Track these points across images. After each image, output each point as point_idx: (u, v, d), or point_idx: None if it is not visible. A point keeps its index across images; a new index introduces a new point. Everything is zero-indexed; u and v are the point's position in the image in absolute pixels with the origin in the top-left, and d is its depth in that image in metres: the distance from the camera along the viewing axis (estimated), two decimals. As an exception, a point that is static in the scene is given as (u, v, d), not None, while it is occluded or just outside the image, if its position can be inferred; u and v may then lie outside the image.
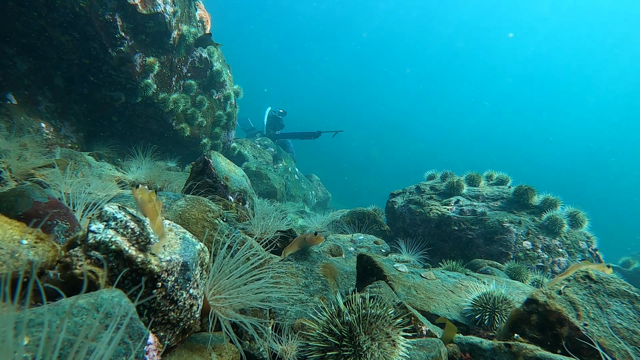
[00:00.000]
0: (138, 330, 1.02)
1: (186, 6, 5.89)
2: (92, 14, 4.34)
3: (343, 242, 4.16)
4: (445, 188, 5.52)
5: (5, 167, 2.64)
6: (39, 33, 4.39)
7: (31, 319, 0.85)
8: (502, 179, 5.58)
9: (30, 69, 4.56)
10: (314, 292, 2.08)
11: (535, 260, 4.32)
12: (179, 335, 1.31)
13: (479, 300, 2.24)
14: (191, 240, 1.44)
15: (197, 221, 2.10)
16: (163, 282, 1.21)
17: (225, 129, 7.56)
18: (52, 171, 2.85)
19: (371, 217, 5.50)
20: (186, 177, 4.01)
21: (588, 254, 4.42)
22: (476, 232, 4.72)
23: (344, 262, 3.20)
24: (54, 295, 1.08)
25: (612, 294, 1.81)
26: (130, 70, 4.96)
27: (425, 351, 1.61)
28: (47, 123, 4.71)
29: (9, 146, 3.19)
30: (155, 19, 4.98)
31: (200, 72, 6.46)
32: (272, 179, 8.42)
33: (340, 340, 1.45)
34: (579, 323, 1.70)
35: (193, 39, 5.94)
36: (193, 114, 6.37)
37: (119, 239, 1.20)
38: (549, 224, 4.48)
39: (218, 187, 3.34)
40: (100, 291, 1.03)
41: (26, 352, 0.78)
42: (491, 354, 1.70)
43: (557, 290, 1.85)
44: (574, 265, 2.15)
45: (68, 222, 1.63)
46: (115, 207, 1.31)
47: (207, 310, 1.45)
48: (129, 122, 5.75)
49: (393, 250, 4.54)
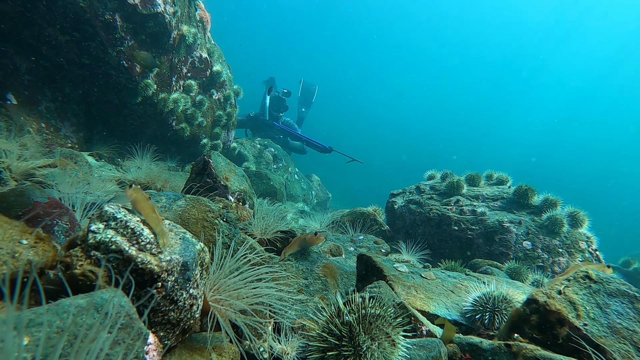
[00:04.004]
0: (138, 330, 1.02)
1: (186, 6, 5.89)
2: (92, 14, 4.34)
3: (343, 242, 4.16)
4: (445, 188, 5.52)
5: (5, 167, 2.64)
6: (39, 33, 4.39)
7: (31, 319, 0.85)
8: (502, 179, 5.58)
9: (30, 69, 4.56)
10: (314, 292, 2.08)
11: (535, 260, 4.32)
12: (179, 335, 1.31)
13: (479, 300, 2.24)
14: (191, 240, 1.44)
15: (197, 221, 2.10)
16: (163, 282, 1.21)
17: (225, 129, 7.57)
18: (52, 171, 2.85)
19: (371, 217, 5.50)
20: (186, 177, 4.01)
21: (588, 254, 4.42)
22: (476, 232, 4.72)
23: (344, 262, 3.19)
24: (54, 295, 1.08)
25: (612, 294, 1.81)
26: (131, 70, 4.96)
27: (425, 351, 1.61)
28: (47, 123, 4.71)
29: (9, 146, 3.19)
30: (155, 19, 4.98)
31: (200, 72, 6.46)
32: (272, 179, 8.41)
33: (340, 340, 1.45)
34: (579, 323, 1.70)
35: (193, 39, 5.94)
36: (193, 114, 6.37)
37: (119, 239, 1.20)
38: (549, 224, 4.48)
39: (218, 187, 3.34)
40: (101, 291, 1.03)
41: (26, 352, 0.78)
42: (491, 354, 1.70)
43: (557, 290, 1.85)
44: (574, 265, 2.15)
45: (68, 222, 1.63)
46: (115, 207, 1.31)
47: (207, 310, 1.45)
48: (128, 122, 5.75)
49: (393, 250, 4.54)
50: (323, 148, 10.20)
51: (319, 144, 10.31)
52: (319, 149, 10.35)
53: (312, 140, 10.50)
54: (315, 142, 10.42)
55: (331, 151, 10.12)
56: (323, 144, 10.23)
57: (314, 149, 10.70)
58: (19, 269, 1.11)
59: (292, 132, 11.12)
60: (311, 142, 10.53)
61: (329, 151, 10.14)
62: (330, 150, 10.12)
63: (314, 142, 10.43)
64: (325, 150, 10.18)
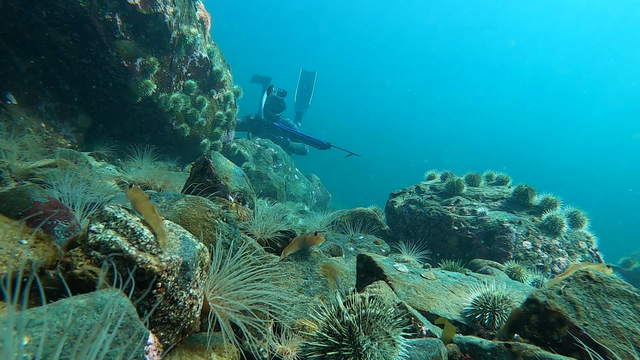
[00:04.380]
0: (138, 330, 1.02)
1: (186, 6, 5.89)
2: (92, 14, 4.34)
3: (343, 242, 4.16)
4: (445, 188, 5.52)
5: (5, 167, 2.64)
6: (39, 33, 4.39)
7: (31, 319, 0.85)
8: (502, 179, 5.58)
9: (30, 69, 4.56)
10: (314, 292, 2.08)
11: (535, 260, 4.32)
12: (179, 335, 1.31)
13: (479, 300, 2.24)
14: (191, 240, 1.44)
15: (197, 221, 2.10)
16: (163, 282, 1.21)
17: (225, 129, 7.57)
18: (52, 171, 2.85)
19: (371, 217, 5.50)
20: (186, 177, 4.01)
21: (588, 254, 4.42)
22: (476, 232, 4.72)
23: (344, 262, 3.19)
24: (54, 296, 1.08)
25: (612, 294, 1.81)
26: (131, 71, 4.96)
27: (425, 351, 1.61)
28: (47, 123, 4.71)
29: (9, 146, 3.19)
30: (155, 19, 4.98)
31: (200, 72, 6.46)
32: (272, 179, 8.42)
33: (340, 340, 1.45)
34: (579, 323, 1.70)
35: (193, 39, 5.94)
36: (193, 114, 6.37)
37: (119, 239, 1.20)
38: (549, 224, 4.48)
39: (218, 187, 3.34)
40: (101, 291, 1.03)
41: (26, 352, 0.78)
42: (491, 354, 1.70)
43: (557, 290, 1.85)
44: (574, 265, 2.15)
45: (68, 222, 1.63)
46: (115, 207, 1.31)
47: (207, 310, 1.45)
48: (129, 122, 5.75)
49: (393, 250, 4.54)
50: (321, 144, 10.20)
51: (318, 141, 10.32)
52: (318, 145, 10.34)
53: (311, 137, 10.53)
54: (313, 139, 10.44)
55: (330, 147, 10.07)
56: (321, 140, 10.23)
57: (312, 146, 10.69)
58: (19, 269, 1.11)
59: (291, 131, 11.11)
60: (309, 139, 10.55)
61: (328, 147, 10.10)
62: (328, 146, 10.08)
63: (312, 139, 10.45)
64: (324, 147, 10.16)
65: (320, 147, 10.36)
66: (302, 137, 10.83)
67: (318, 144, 10.32)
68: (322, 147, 10.24)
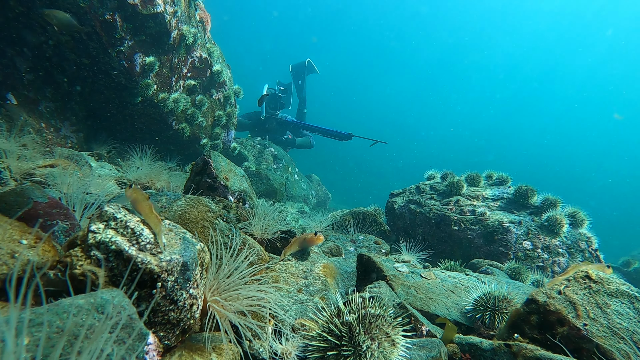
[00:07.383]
0: (138, 330, 1.02)
1: (186, 6, 5.89)
2: (92, 14, 4.34)
3: (343, 242, 4.16)
4: (445, 188, 5.51)
5: (5, 167, 2.64)
6: (39, 33, 4.40)
7: (31, 319, 0.85)
8: (502, 179, 5.58)
9: (30, 69, 4.56)
10: (314, 292, 2.08)
11: (535, 260, 4.32)
12: (179, 335, 1.31)
13: (479, 300, 2.24)
14: (191, 240, 1.44)
15: (197, 221, 2.10)
16: (163, 282, 1.21)
17: (225, 129, 7.57)
18: (52, 171, 2.85)
19: (371, 217, 5.50)
20: (186, 177, 4.01)
21: (588, 254, 4.42)
22: (476, 232, 4.72)
23: (344, 262, 3.19)
24: (54, 295, 1.08)
25: (612, 294, 1.81)
26: (131, 70, 4.96)
27: (425, 351, 1.62)
28: (47, 123, 4.71)
29: (9, 146, 3.19)
30: (155, 19, 4.98)
31: (200, 72, 6.46)
32: (272, 179, 8.41)
33: (340, 340, 1.45)
34: (579, 323, 1.70)
35: (193, 39, 5.94)
36: (193, 114, 6.37)
37: (119, 239, 1.20)
38: (549, 224, 4.48)
39: (218, 187, 3.34)
40: (101, 291, 1.03)
41: (26, 352, 0.78)
42: (491, 354, 1.70)
43: (557, 290, 1.85)
44: (574, 266, 2.15)
45: (68, 222, 1.63)
46: (115, 207, 1.31)
47: (207, 310, 1.45)
48: (129, 122, 5.75)
49: (393, 250, 4.54)
50: (342, 135, 9.99)
51: (338, 132, 10.12)
52: (339, 137, 10.13)
53: (330, 130, 10.32)
54: (333, 131, 10.23)
55: (351, 137, 9.90)
56: (342, 131, 10.05)
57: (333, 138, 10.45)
58: (19, 269, 1.11)
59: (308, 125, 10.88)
60: (329, 132, 10.34)
61: (349, 137, 9.90)
62: (350, 137, 9.90)
63: (332, 131, 10.24)
64: (345, 137, 9.95)
65: (341, 139, 10.16)
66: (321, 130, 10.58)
67: (339, 136, 10.11)
68: (343, 138, 10.04)
